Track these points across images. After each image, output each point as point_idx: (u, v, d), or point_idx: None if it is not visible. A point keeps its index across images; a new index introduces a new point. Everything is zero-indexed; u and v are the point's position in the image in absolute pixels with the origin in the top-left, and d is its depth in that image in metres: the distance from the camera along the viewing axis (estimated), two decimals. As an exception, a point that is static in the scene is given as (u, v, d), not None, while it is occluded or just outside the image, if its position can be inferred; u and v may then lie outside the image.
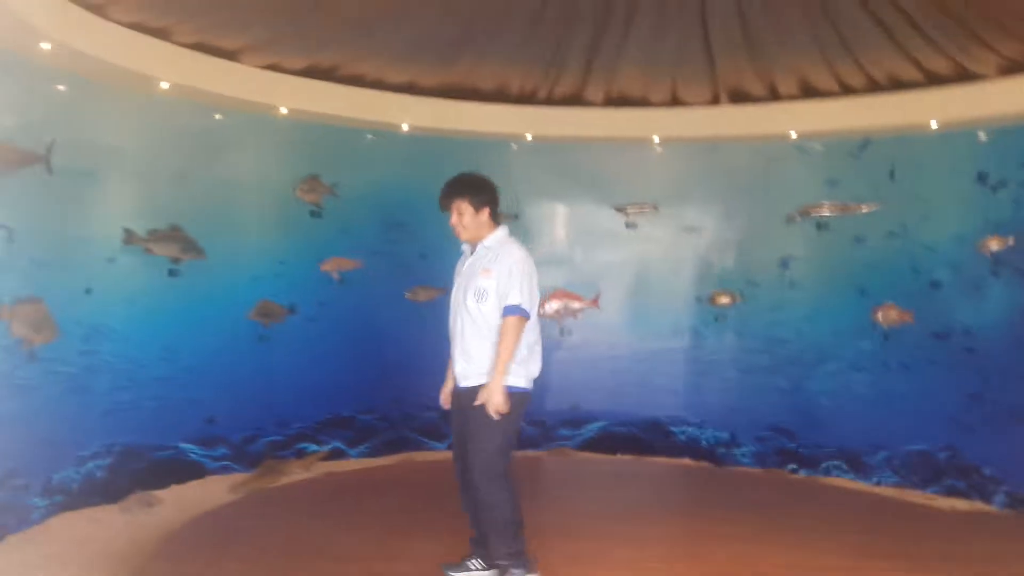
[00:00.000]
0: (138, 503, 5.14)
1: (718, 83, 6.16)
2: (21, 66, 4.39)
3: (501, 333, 3.79)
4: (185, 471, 5.63)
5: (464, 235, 3.98)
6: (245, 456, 5.92)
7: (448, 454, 6.56)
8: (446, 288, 4.74)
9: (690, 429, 6.87)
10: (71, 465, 4.93)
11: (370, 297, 6.46)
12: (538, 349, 3.96)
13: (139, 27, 4.72)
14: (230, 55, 5.28)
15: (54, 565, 4.15)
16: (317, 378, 6.22)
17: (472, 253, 4.01)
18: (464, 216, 3.92)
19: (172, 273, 5.48)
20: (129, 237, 5.18)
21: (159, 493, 5.31)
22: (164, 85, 5.07)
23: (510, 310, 3.78)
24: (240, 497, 5.46)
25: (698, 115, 6.50)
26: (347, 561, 4.25)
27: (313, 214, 6.25)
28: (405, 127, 6.30)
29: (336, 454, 6.39)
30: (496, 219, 4.01)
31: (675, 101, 6.47)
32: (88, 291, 4.95)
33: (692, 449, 6.82)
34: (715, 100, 6.40)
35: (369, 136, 6.44)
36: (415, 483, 5.95)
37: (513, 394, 3.78)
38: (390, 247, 6.56)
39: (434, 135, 6.40)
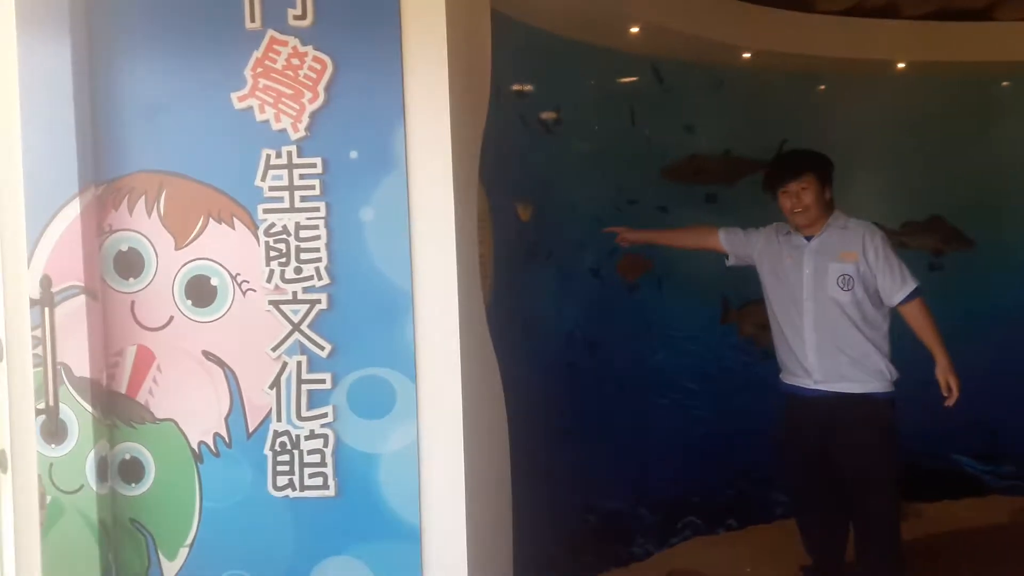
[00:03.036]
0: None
1: None
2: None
3: (920, 318, 3.47)
4: (958, 485, 5.10)
5: (804, 220, 3.52)
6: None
7: None
8: None
9: None
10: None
11: None
12: None
13: (857, 11, 4.46)
14: (978, 15, 4.54)
15: (768, 559, 4.32)
16: None
17: (799, 238, 3.58)
18: (808, 194, 3.46)
19: (933, 267, 5.02)
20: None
21: (922, 505, 4.91)
22: (900, 64, 4.68)
23: (916, 292, 3.47)
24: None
25: None
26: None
27: None
28: None
29: None
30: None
31: None
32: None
33: None
34: None
35: None
36: None
37: (893, 401, 3.47)
38: None
39: None
